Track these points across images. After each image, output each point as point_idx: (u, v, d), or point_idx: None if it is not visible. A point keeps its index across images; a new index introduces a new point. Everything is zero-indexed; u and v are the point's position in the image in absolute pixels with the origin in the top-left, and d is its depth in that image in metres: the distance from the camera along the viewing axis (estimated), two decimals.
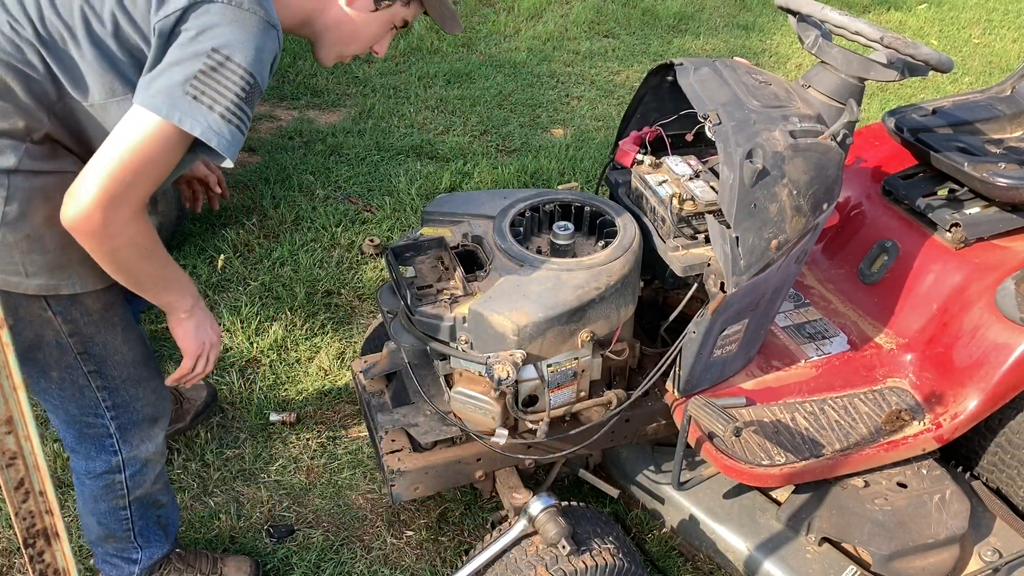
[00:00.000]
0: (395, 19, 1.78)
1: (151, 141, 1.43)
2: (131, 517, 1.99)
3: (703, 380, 2.15)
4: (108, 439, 1.85)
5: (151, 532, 2.06)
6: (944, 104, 2.63)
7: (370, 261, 3.47)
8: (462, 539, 2.41)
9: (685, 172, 2.08)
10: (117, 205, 1.44)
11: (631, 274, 1.94)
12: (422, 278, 1.96)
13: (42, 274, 1.57)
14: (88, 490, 1.94)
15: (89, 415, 1.80)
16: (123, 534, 2.01)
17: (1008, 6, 7.11)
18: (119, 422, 1.84)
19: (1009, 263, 2.23)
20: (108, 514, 1.97)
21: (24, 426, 1.01)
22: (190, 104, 1.42)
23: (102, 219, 1.44)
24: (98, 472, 1.90)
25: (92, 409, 1.79)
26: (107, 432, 1.84)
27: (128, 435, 1.87)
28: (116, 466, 1.89)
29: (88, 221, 1.44)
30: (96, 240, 1.47)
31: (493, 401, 1.94)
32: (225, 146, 1.46)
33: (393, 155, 4.21)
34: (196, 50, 1.42)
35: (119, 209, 1.45)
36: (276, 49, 1.53)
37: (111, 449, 1.87)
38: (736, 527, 2.28)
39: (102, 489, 1.92)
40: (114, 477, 1.91)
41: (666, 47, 5.81)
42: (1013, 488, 2.33)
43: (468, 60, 5.29)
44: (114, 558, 2.07)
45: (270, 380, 2.89)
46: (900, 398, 2.23)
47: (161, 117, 1.42)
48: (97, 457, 1.87)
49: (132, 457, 1.90)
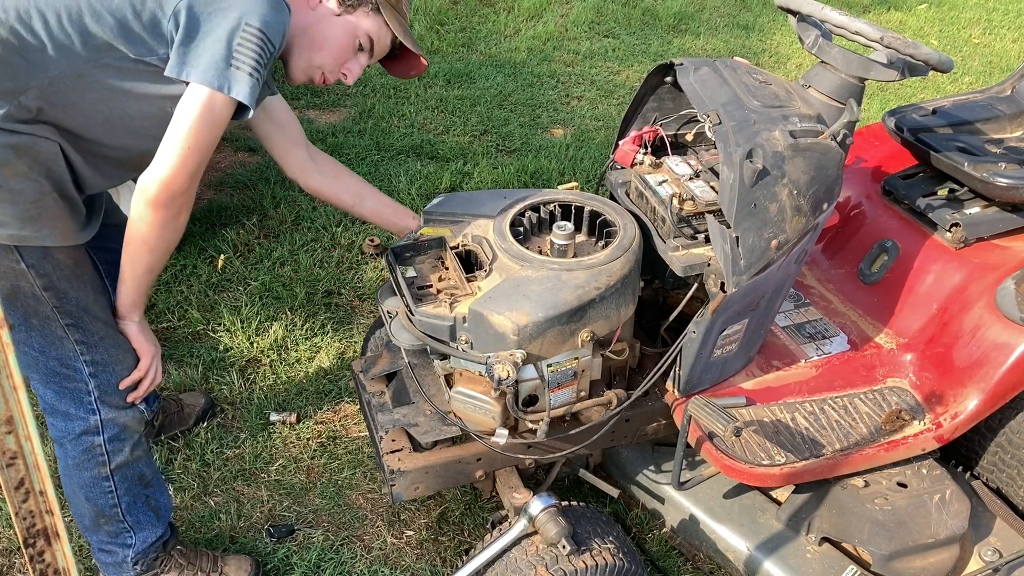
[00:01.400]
0: (359, 32, 1.86)
1: (212, 112, 1.63)
2: (115, 490, 2.00)
3: (703, 380, 2.15)
4: (87, 396, 1.88)
5: (141, 513, 2.06)
6: (944, 104, 2.63)
7: (370, 261, 3.47)
8: (462, 539, 2.42)
9: (685, 172, 2.08)
10: (193, 170, 1.66)
11: (631, 274, 1.94)
12: (422, 278, 1.96)
13: (12, 224, 1.67)
14: (71, 458, 1.95)
15: (68, 368, 1.84)
16: (111, 511, 2.01)
17: (1008, 6, 7.11)
18: (98, 381, 1.87)
19: (1009, 263, 2.23)
20: (92, 485, 1.98)
21: (24, 426, 1.01)
22: (234, 73, 1.61)
23: (184, 183, 1.66)
24: (77, 432, 1.92)
25: (71, 361, 1.83)
26: (86, 389, 1.87)
27: (107, 397, 1.90)
28: (95, 426, 1.92)
29: (171, 184, 1.64)
30: (172, 208, 1.69)
31: (493, 401, 1.94)
32: (252, 101, 1.65)
33: (393, 155, 4.22)
34: (229, 24, 1.59)
35: (194, 174, 1.67)
36: (286, 22, 1.69)
37: (89, 407, 1.89)
38: (736, 527, 2.28)
39: (82, 453, 1.94)
40: (93, 439, 1.93)
41: (666, 47, 5.81)
42: (1013, 488, 2.33)
43: (468, 60, 5.29)
44: (109, 544, 2.07)
45: (270, 380, 2.89)
46: (900, 398, 2.23)
47: (214, 90, 1.60)
48: (76, 415, 1.90)
49: (111, 420, 1.92)
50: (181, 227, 1.75)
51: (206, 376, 2.87)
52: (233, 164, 4.05)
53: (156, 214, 1.68)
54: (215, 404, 2.77)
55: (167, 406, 2.64)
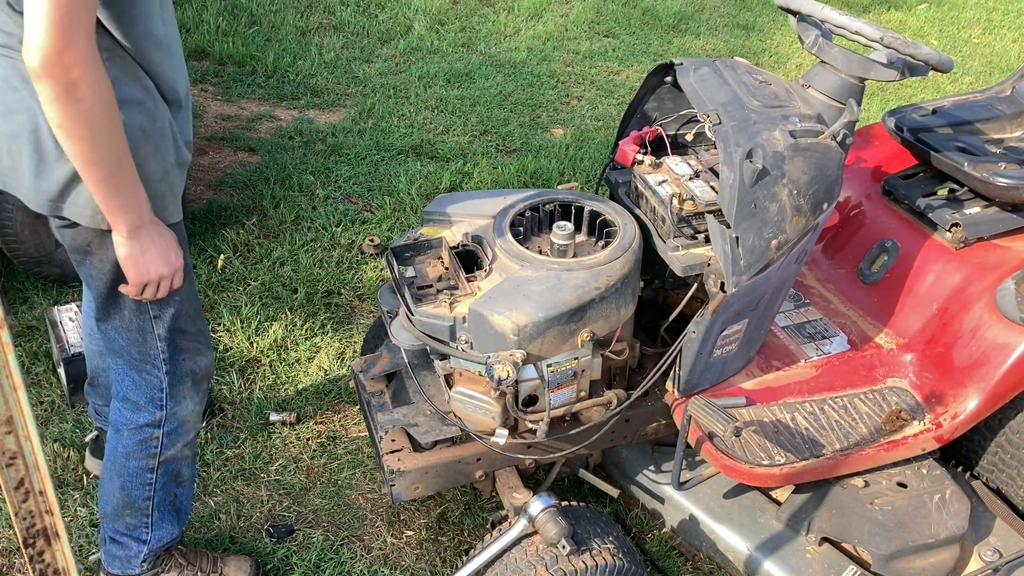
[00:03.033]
0: None
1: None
2: (155, 483, 2.00)
3: (703, 380, 2.15)
4: (159, 392, 1.92)
5: (166, 510, 2.07)
6: (944, 104, 2.63)
7: (370, 261, 3.47)
8: (462, 539, 2.42)
9: (685, 172, 2.08)
10: (71, 29, 1.39)
11: (631, 274, 1.94)
12: (422, 278, 1.96)
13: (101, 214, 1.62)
14: (123, 446, 1.96)
15: (148, 363, 1.88)
16: (143, 503, 2.01)
17: (1008, 6, 7.12)
18: (171, 377, 1.91)
19: (1009, 263, 2.23)
20: (135, 476, 1.98)
21: (24, 426, 1.01)
22: None
23: (60, 43, 1.38)
24: (140, 424, 1.94)
25: (152, 359, 1.87)
26: (160, 385, 1.91)
27: (175, 390, 1.93)
28: (158, 420, 1.94)
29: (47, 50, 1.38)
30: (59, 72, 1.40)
31: (493, 401, 1.94)
32: None
33: (393, 155, 4.21)
34: None
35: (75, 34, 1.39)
36: None
37: (159, 402, 1.92)
38: (736, 527, 2.28)
39: (138, 444, 1.95)
40: (153, 432, 1.95)
41: (666, 47, 5.81)
42: (1013, 488, 2.33)
43: (468, 60, 5.29)
44: (124, 536, 2.06)
45: (270, 380, 2.89)
46: (900, 398, 2.23)
47: None
48: (145, 408, 1.93)
49: (173, 414, 1.95)
50: (90, 98, 1.44)
51: None
52: (233, 164, 4.05)
53: (45, 88, 1.41)
54: (214, 403, 2.77)
55: None
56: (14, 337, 2.86)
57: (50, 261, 3.08)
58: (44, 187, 1.62)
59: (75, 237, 1.72)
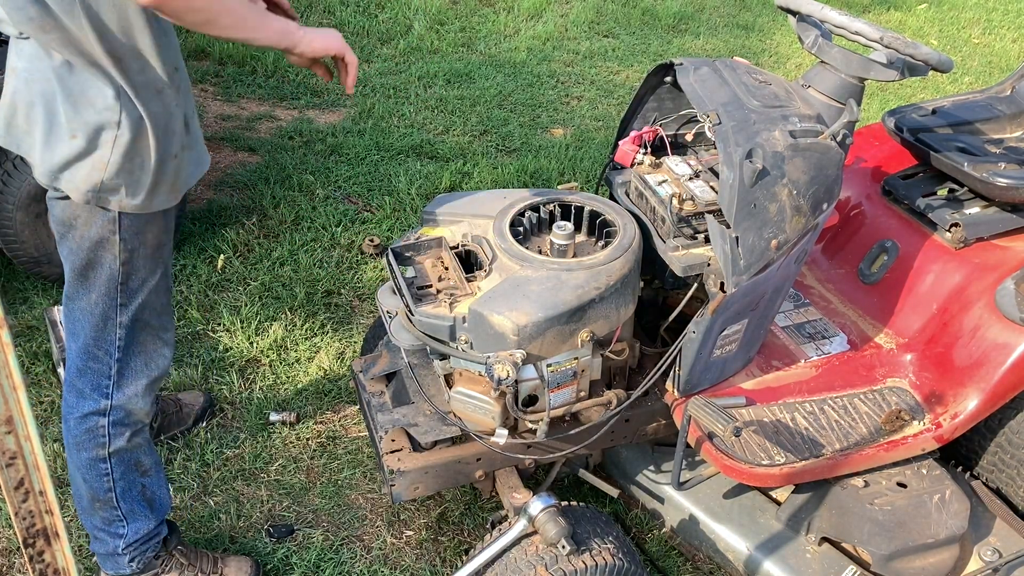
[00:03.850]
0: None
1: None
2: (111, 473, 2.00)
3: (703, 380, 2.15)
4: (106, 380, 1.92)
5: (135, 502, 2.06)
6: (944, 104, 2.63)
7: (370, 261, 3.47)
8: (462, 539, 2.42)
9: (685, 172, 2.08)
10: None
11: (631, 274, 1.94)
12: (422, 278, 1.96)
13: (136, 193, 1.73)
14: (72, 436, 1.97)
15: (100, 350, 1.89)
16: (105, 495, 2.01)
17: (1008, 6, 7.12)
18: (121, 365, 1.92)
19: (1009, 263, 2.23)
20: (89, 467, 1.99)
21: (24, 426, 1.01)
22: None
23: None
24: (85, 412, 1.94)
25: (105, 346, 1.89)
26: (108, 372, 1.91)
27: (123, 382, 1.94)
28: (103, 409, 1.94)
29: None
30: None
31: (493, 401, 1.94)
32: None
33: (393, 155, 4.21)
34: None
35: None
36: None
37: (104, 391, 1.93)
38: (736, 527, 2.28)
39: (84, 433, 1.95)
40: (98, 420, 1.95)
41: (666, 47, 5.81)
42: (1013, 488, 2.33)
43: (468, 60, 5.29)
44: (101, 532, 2.07)
45: (270, 380, 2.89)
46: (900, 398, 2.23)
47: None
48: (89, 396, 1.93)
49: (119, 405, 1.95)
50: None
51: (206, 376, 2.87)
52: (233, 164, 4.05)
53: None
54: (214, 403, 2.77)
55: (165, 406, 2.64)
56: (14, 337, 2.86)
57: (50, 261, 3.08)
58: (48, 157, 1.70)
59: (64, 209, 1.78)
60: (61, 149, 1.68)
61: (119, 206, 1.73)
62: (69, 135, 1.67)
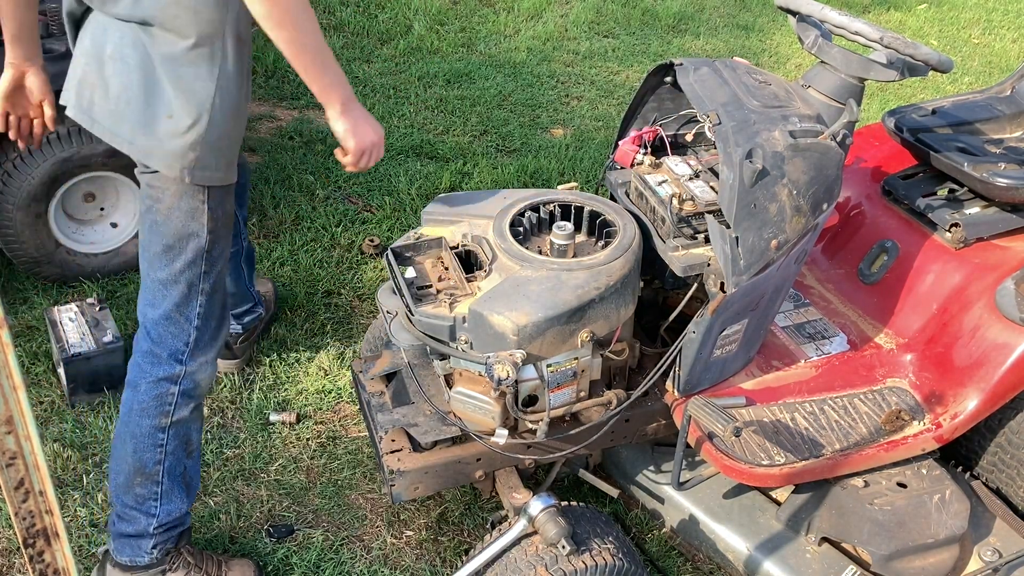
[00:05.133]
0: None
1: None
2: (166, 446, 2.05)
3: (703, 380, 2.15)
4: (184, 346, 2.00)
5: (175, 481, 2.09)
6: (944, 104, 2.63)
7: (370, 261, 3.47)
8: (462, 539, 2.42)
9: (685, 172, 2.08)
10: None
11: (631, 274, 1.95)
12: (422, 278, 1.96)
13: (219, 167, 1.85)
14: (138, 403, 2.01)
15: (182, 316, 1.97)
16: (153, 468, 2.05)
17: (1008, 6, 7.11)
18: (199, 333, 2.00)
19: (1009, 263, 2.23)
20: (147, 436, 2.03)
21: (24, 426, 1.01)
22: None
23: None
24: (159, 377, 2.00)
25: (187, 312, 1.97)
26: (186, 339, 2.00)
27: (197, 351, 2.02)
28: (176, 376, 2.01)
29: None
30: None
31: (493, 401, 1.94)
32: None
33: (393, 155, 4.21)
34: None
35: None
36: None
37: (180, 356, 2.01)
38: (736, 527, 2.28)
39: (153, 399, 2.01)
40: (169, 387, 2.01)
41: (666, 47, 5.81)
42: (1013, 488, 2.33)
43: (468, 60, 5.29)
44: (133, 510, 2.07)
45: (270, 380, 2.89)
46: (900, 398, 2.23)
47: None
48: (166, 361, 2.00)
49: (191, 373, 2.02)
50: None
51: None
52: None
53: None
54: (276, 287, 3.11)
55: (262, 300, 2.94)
56: (14, 337, 2.86)
57: (50, 261, 3.08)
58: (143, 135, 1.80)
59: (152, 182, 1.87)
60: (157, 128, 1.78)
61: (209, 180, 1.84)
62: (166, 114, 1.77)
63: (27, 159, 2.88)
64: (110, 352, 2.70)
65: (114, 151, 1.87)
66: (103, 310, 2.85)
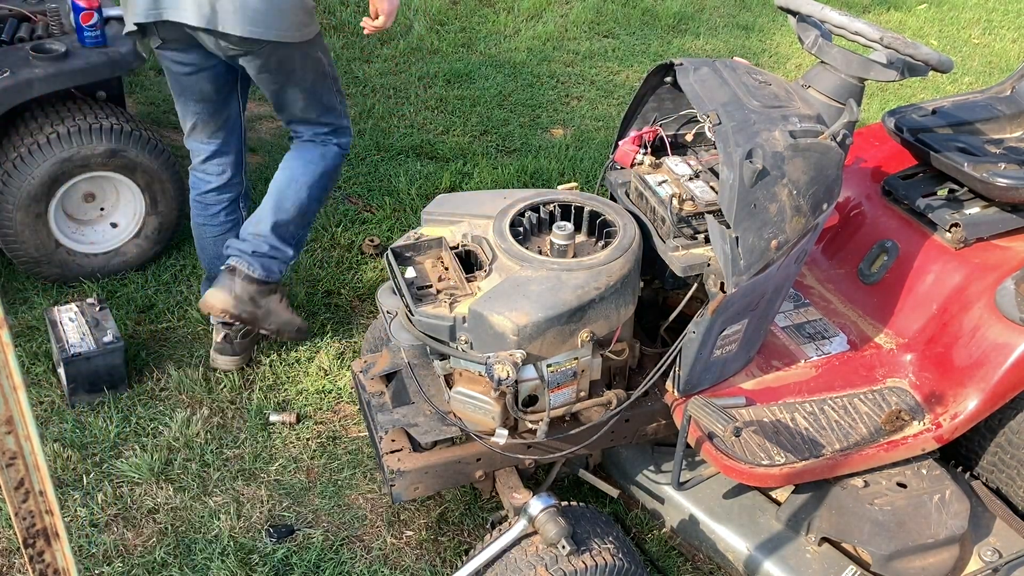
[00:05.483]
0: None
1: None
2: (326, 191, 2.79)
3: (703, 380, 2.15)
4: (341, 113, 2.77)
5: (306, 231, 2.86)
6: (944, 104, 2.63)
7: (370, 261, 3.47)
8: (462, 539, 2.42)
9: (685, 172, 2.08)
10: None
11: (631, 274, 1.95)
12: (422, 278, 1.96)
13: (314, 23, 2.49)
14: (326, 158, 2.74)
15: (334, 99, 2.73)
16: (311, 216, 2.81)
17: (1008, 6, 7.11)
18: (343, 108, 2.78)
19: (1009, 263, 2.23)
20: (323, 192, 2.79)
21: (24, 426, 1.01)
22: None
23: None
24: (335, 127, 2.75)
25: (336, 104, 2.74)
26: (340, 112, 2.77)
27: (346, 114, 2.81)
28: (343, 127, 2.79)
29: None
30: None
31: (493, 401, 1.94)
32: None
33: (393, 155, 4.21)
34: None
35: None
36: None
37: (342, 116, 2.77)
38: (736, 527, 2.28)
39: (336, 155, 2.77)
40: (343, 155, 2.81)
41: (666, 47, 5.81)
42: (1013, 488, 2.33)
43: (468, 60, 5.29)
44: (281, 246, 2.71)
45: (270, 380, 2.89)
46: (900, 398, 2.23)
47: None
48: (347, 130, 2.80)
49: (348, 128, 2.82)
50: None
51: (206, 376, 2.87)
52: None
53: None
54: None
55: None
56: (14, 337, 2.86)
57: (50, 261, 3.08)
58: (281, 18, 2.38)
59: (283, 59, 2.49)
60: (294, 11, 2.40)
61: (315, 31, 2.50)
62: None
63: (27, 159, 2.89)
64: (110, 352, 2.70)
65: (114, 151, 1.88)
66: (103, 310, 2.85)
